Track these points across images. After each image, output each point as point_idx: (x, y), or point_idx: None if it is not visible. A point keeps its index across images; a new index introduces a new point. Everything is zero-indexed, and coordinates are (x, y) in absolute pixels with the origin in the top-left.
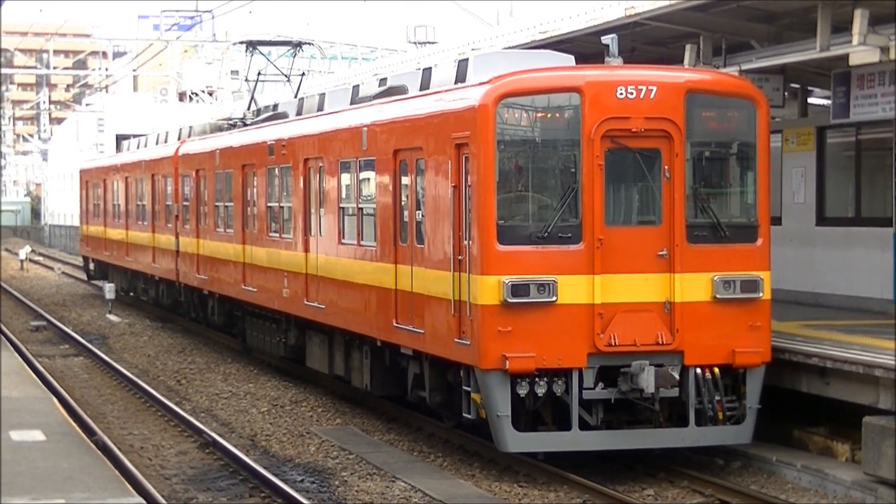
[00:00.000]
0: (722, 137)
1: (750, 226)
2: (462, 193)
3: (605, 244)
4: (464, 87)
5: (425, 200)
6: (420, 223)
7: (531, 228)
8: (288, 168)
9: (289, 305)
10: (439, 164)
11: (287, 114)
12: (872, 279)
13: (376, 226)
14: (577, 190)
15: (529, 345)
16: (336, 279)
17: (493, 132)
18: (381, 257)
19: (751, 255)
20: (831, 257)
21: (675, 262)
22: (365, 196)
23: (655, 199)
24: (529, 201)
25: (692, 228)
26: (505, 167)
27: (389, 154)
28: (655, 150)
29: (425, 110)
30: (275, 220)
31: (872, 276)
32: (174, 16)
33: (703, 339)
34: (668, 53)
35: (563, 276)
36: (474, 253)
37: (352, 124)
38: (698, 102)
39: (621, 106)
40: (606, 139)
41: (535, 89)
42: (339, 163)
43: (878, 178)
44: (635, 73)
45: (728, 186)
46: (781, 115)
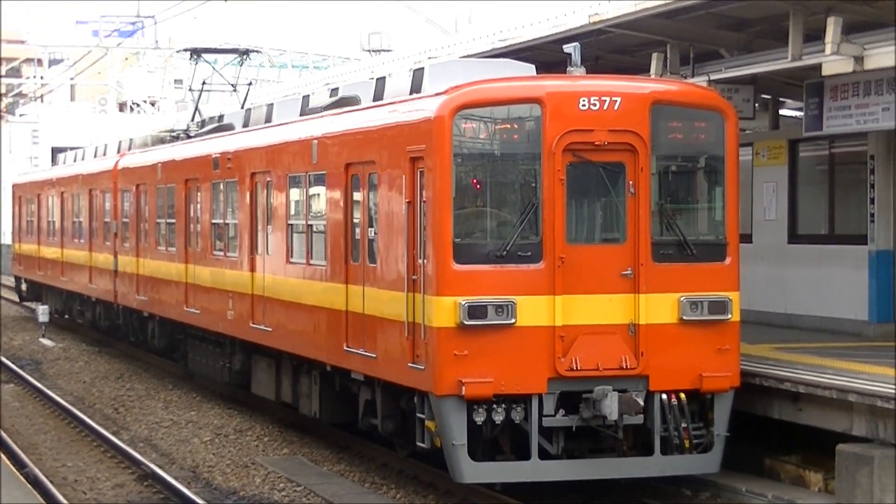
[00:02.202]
0: (689, 151)
1: (718, 244)
2: (417, 210)
3: (567, 263)
4: (419, 97)
5: (378, 217)
6: (373, 241)
7: (489, 246)
8: (234, 183)
9: (234, 328)
10: (393, 178)
11: (233, 125)
12: (847, 299)
13: (326, 244)
14: (538, 206)
15: (487, 369)
16: (284, 300)
17: (450, 145)
18: (331, 277)
19: (719, 275)
20: (804, 276)
21: (639, 281)
22: (315, 212)
23: (619, 216)
24: (488, 218)
25: (658, 246)
26: (462, 182)
27: (341, 168)
28: (619, 164)
29: (379, 122)
30: (220, 238)
31: (847, 297)
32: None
33: (670, 362)
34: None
35: (522, 296)
36: (429, 272)
37: (301, 137)
38: (664, 114)
39: (584, 118)
40: (568, 152)
41: (493, 100)
42: (288, 177)
43: (853, 193)
44: (599, 84)
45: (695, 202)
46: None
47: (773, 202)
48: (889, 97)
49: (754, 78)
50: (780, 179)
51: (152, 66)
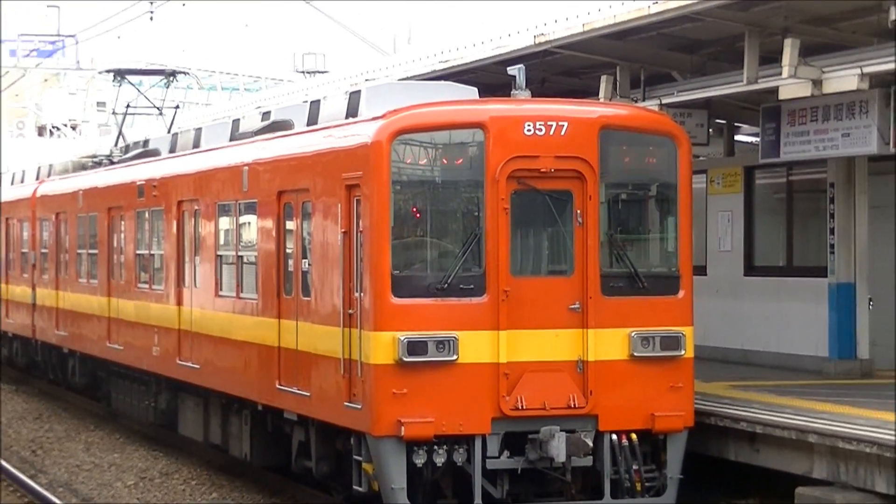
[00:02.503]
0: (640, 178)
1: (671, 276)
2: (353, 240)
3: (512, 296)
4: (355, 122)
5: (312, 248)
6: (306, 273)
7: (429, 279)
8: (160, 211)
9: (159, 365)
10: (328, 207)
11: (159, 151)
12: (806, 335)
13: (258, 276)
14: (481, 236)
15: (427, 409)
16: (212, 335)
17: (388, 172)
18: (262, 311)
19: (672, 309)
20: (761, 310)
21: (588, 316)
22: (245, 243)
23: (567, 247)
24: (428, 248)
25: (607, 279)
26: (401, 210)
27: (273, 196)
28: (566, 193)
29: (313, 148)
30: (145, 270)
31: (806, 332)
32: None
33: (620, 401)
34: (581, 85)
35: (465, 331)
36: (366, 306)
37: (231, 163)
38: (614, 140)
39: (529, 143)
40: (513, 180)
41: (434, 125)
42: (217, 206)
43: (812, 223)
44: (545, 108)
45: (647, 232)
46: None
47: (729, 232)
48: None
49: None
50: (736, 208)
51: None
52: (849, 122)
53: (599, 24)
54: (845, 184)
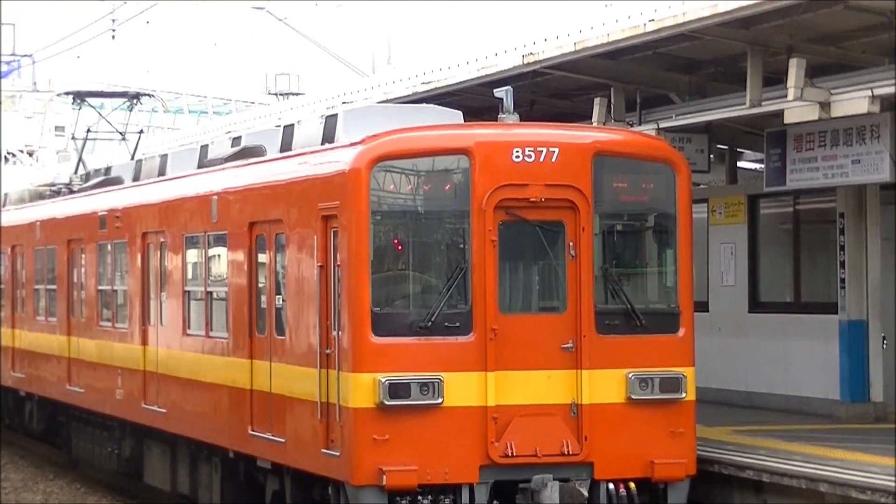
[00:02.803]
0: (636, 208)
1: (670, 313)
2: (330, 274)
3: (500, 335)
4: (332, 148)
5: (287, 283)
6: (280, 310)
7: (412, 316)
8: (123, 244)
9: (123, 409)
10: (303, 239)
11: (122, 178)
12: (816, 376)
13: (228, 313)
14: (467, 270)
15: (411, 456)
16: (180, 377)
17: (367, 201)
18: (233, 351)
19: (671, 348)
20: (767, 349)
21: (582, 356)
22: (215, 277)
23: (559, 282)
24: (410, 283)
25: (602, 316)
26: (381, 243)
27: (244, 227)
28: (558, 223)
29: (286, 176)
30: (107, 307)
31: (815, 373)
32: None
33: (617, 448)
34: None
35: (450, 373)
36: (344, 346)
37: (199, 192)
38: (608, 167)
39: (518, 171)
40: (500, 210)
41: (416, 151)
42: (185, 238)
43: (821, 255)
44: (534, 133)
45: (644, 266)
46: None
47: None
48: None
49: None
50: (739, 240)
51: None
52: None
53: (592, 43)
54: (856, 214)
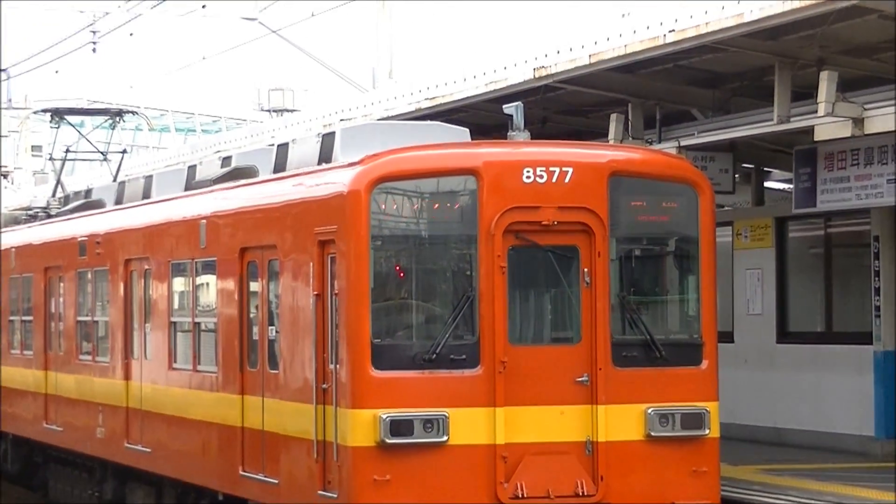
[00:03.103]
0: (656, 231)
1: (692, 344)
2: (327, 303)
3: (510, 368)
4: (329, 168)
5: (281, 313)
6: (274, 342)
7: (415, 348)
8: (104, 271)
9: (105, 448)
10: (298, 265)
11: (104, 202)
12: (848, 411)
13: (218, 346)
14: (474, 299)
15: (414, 497)
16: (166, 414)
17: (367, 225)
18: (223, 386)
19: (694, 382)
20: (797, 382)
21: (597, 390)
22: (203, 307)
23: (573, 311)
24: (413, 313)
25: (619, 347)
26: (382, 269)
27: (235, 253)
28: (572, 249)
29: (280, 198)
30: (87, 339)
31: (848, 407)
32: None
33: (635, 488)
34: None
35: (456, 409)
36: (343, 380)
37: (187, 216)
38: (626, 188)
39: (529, 192)
40: (510, 234)
41: (420, 171)
42: (171, 265)
43: (854, 282)
44: (546, 151)
45: (664, 294)
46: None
47: (758, 293)
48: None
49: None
50: (767, 265)
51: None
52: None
53: (608, 56)
54: (891, 237)
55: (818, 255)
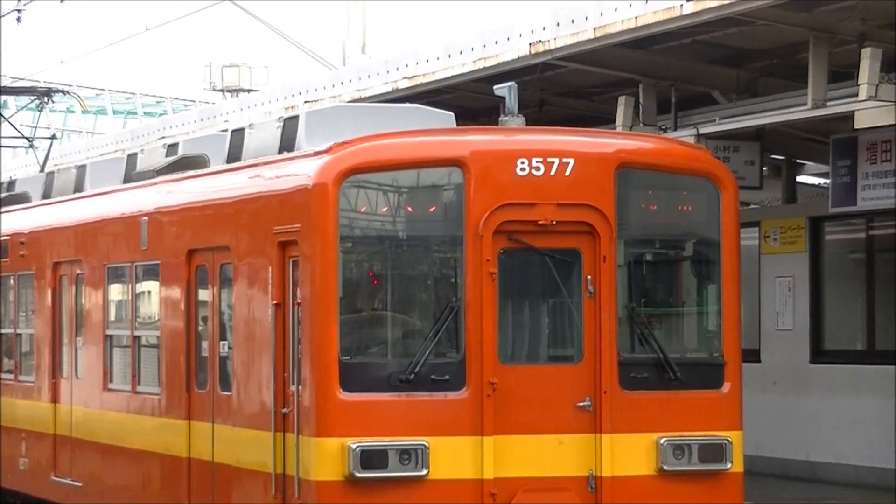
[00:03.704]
0: (670, 233)
1: (712, 363)
2: (288, 315)
3: (501, 391)
4: (292, 158)
5: (234, 325)
6: (226, 359)
7: (391, 367)
8: (29, 276)
9: (28, 482)
10: (255, 271)
11: (29, 195)
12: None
13: (161, 363)
14: (459, 310)
15: None
16: (100, 443)
17: (335, 224)
18: (167, 410)
19: (714, 407)
20: (833, 409)
21: (602, 416)
22: (144, 319)
23: (573, 325)
24: (388, 326)
25: (627, 367)
26: (352, 276)
27: (181, 256)
28: (573, 252)
29: (235, 192)
30: (8, 356)
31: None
32: None
33: None
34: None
35: (438, 437)
36: (306, 404)
37: (126, 212)
38: (636, 182)
39: (523, 186)
40: (501, 235)
41: (397, 162)
42: (107, 269)
43: None
44: (544, 140)
45: (680, 305)
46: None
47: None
48: None
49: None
50: (799, 272)
51: None
52: None
53: (616, 29)
54: None
55: (859, 261)
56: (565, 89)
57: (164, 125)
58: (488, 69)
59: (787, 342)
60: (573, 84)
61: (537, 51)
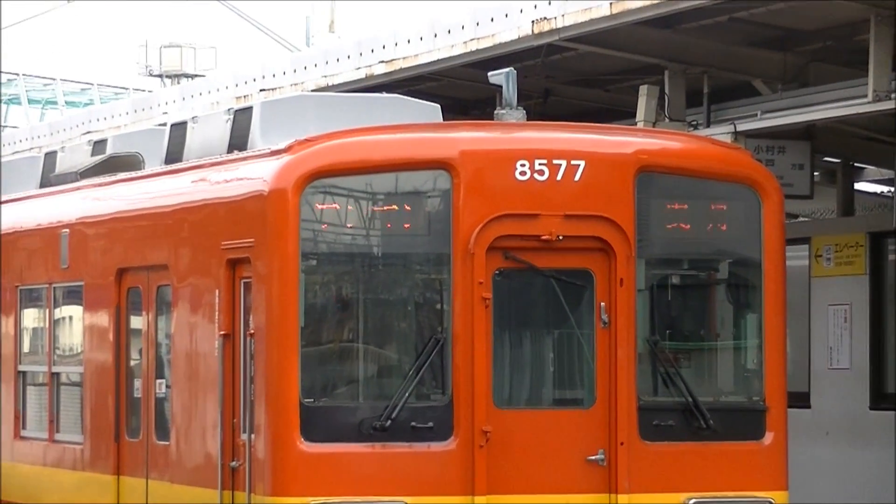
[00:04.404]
0: (701, 251)
1: (752, 409)
2: (239, 348)
3: (496, 441)
4: (244, 158)
5: (173, 360)
6: (163, 401)
7: (363, 411)
8: None
9: None
10: (199, 294)
11: None
12: None
13: (85, 406)
14: (446, 342)
15: None
16: (10, 502)
17: (296, 238)
18: (91, 463)
19: (754, 462)
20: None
21: (618, 473)
22: (65, 352)
23: (584, 361)
24: (360, 362)
25: (649, 414)
26: (317, 301)
27: (110, 277)
28: (583, 274)
29: (175, 200)
30: None
31: None
32: None
33: None
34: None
35: (419, 498)
36: (260, 456)
37: (42, 223)
38: (660, 189)
39: (523, 194)
40: (496, 252)
41: (371, 164)
42: (20, 291)
43: None
44: (549, 138)
45: (713, 338)
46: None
47: (845, 339)
48: None
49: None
50: (857, 300)
51: None
52: None
53: (638, 4)
54: None
55: None
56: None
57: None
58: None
59: (843, 384)
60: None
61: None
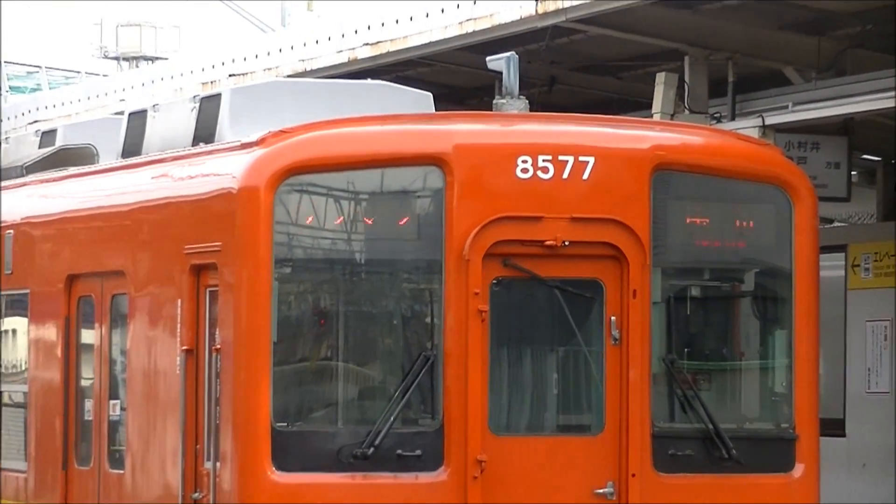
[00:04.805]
0: (725, 259)
1: (780, 437)
2: (204, 365)
3: (492, 471)
4: (211, 151)
5: (129, 378)
6: (118, 424)
7: (342, 437)
8: None
9: None
10: (159, 304)
11: None
12: None
13: (29, 430)
14: (436, 361)
15: None
16: None
17: (269, 242)
18: (36, 494)
19: (782, 496)
20: None
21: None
22: (7, 368)
23: (592, 382)
24: (340, 382)
25: (665, 442)
26: (291, 313)
27: (59, 284)
28: (592, 284)
29: (133, 198)
30: None
31: None
32: None
33: None
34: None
35: None
36: (225, 487)
37: None
38: (679, 190)
39: (525, 194)
40: (495, 260)
41: (353, 159)
42: None
43: None
44: (555, 131)
45: (737, 357)
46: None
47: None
48: None
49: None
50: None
51: None
52: None
53: None
54: None
55: None
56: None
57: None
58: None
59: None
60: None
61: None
